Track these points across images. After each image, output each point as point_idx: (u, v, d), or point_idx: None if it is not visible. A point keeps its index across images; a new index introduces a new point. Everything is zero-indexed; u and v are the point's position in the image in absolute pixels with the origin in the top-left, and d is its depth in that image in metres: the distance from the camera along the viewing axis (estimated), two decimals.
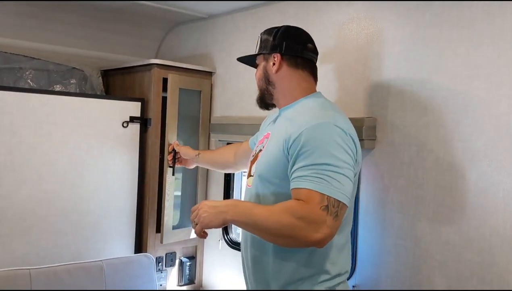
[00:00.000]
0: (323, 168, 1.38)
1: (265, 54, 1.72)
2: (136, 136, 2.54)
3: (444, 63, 1.70)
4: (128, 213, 2.53)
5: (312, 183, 1.37)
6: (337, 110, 1.59)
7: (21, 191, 2.20)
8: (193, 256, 2.76)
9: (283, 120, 1.65)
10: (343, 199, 1.38)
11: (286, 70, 1.67)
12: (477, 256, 1.60)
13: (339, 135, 1.44)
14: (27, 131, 2.22)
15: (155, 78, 2.52)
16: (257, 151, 1.72)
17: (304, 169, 1.41)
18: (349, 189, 1.42)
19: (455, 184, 1.66)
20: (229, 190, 2.66)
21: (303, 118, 1.51)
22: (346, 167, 1.41)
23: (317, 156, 1.40)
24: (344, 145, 1.43)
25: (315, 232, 1.34)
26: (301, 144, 1.43)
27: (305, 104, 1.63)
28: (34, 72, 2.63)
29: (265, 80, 1.72)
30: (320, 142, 1.42)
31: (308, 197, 1.36)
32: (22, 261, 2.16)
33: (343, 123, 1.49)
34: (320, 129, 1.44)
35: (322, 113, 1.53)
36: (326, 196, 1.36)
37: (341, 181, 1.38)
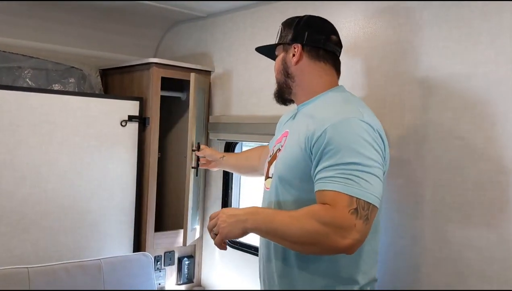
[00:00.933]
0: (351, 168, 1.28)
1: (285, 44, 1.62)
2: (134, 135, 2.54)
3: (442, 61, 1.70)
4: (126, 211, 2.53)
5: (339, 184, 1.27)
6: (363, 105, 1.49)
7: (20, 189, 2.20)
8: (192, 255, 2.76)
9: (303, 116, 1.53)
10: (373, 200, 1.28)
11: (307, 63, 1.57)
12: (477, 254, 1.60)
13: (366, 131, 1.34)
14: (26, 130, 2.21)
15: (154, 77, 2.52)
16: (275, 150, 1.62)
17: (330, 169, 1.31)
18: (379, 189, 1.32)
19: (453, 182, 1.66)
20: (227, 189, 2.66)
21: (326, 114, 1.40)
22: (375, 165, 1.32)
23: (343, 155, 1.30)
24: (372, 142, 1.34)
25: (343, 238, 1.23)
26: (326, 142, 1.33)
27: (326, 99, 1.53)
28: (32, 72, 2.63)
29: (284, 72, 1.61)
30: (346, 139, 1.31)
31: (335, 200, 1.26)
32: (21, 260, 2.16)
33: (370, 119, 1.39)
34: (345, 125, 1.34)
35: (347, 108, 1.42)
36: (355, 198, 1.25)
37: (371, 181, 1.29)
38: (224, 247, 1.43)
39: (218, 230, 1.40)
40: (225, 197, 2.66)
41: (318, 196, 1.32)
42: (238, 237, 1.39)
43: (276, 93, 1.68)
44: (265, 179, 1.66)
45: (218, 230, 1.40)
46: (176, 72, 2.60)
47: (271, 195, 1.54)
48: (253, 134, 2.40)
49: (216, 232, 1.41)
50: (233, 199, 2.68)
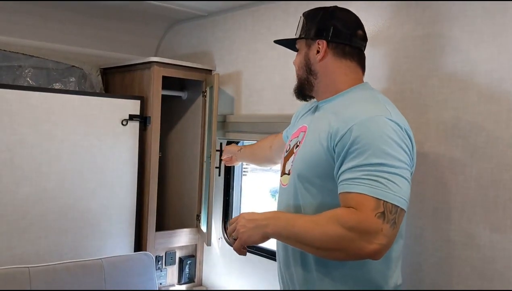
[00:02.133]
0: (377, 169, 1.22)
1: (308, 39, 1.52)
2: (135, 135, 2.53)
3: (444, 60, 1.69)
4: (127, 211, 2.52)
5: (365, 186, 1.21)
6: (389, 103, 1.42)
7: (20, 188, 2.19)
8: (193, 255, 2.75)
9: (325, 113, 1.46)
10: (401, 203, 1.22)
11: (332, 60, 1.48)
12: (478, 253, 1.59)
13: (394, 130, 1.27)
14: (26, 129, 2.21)
15: (155, 76, 2.51)
16: (292, 145, 1.55)
17: (355, 170, 1.24)
18: (407, 191, 1.26)
19: (455, 181, 1.65)
20: (228, 188, 2.66)
21: (352, 112, 1.34)
22: (403, 166, 1.26)
23: (369, 155, 1.23)
24: (400, 142, 1.27)
25: (370, 243, 1.18)
26: (351, 141, 1.26)
27: (351, 96, 1.45)
28: (33, 70, 2.62)
29: (306, 69, 1.53)
30: (372, 139, 1.25)
31: (361, 203, 1.21)
32: (21, 259, 2.15)
33: (397, 117, 1.33)
34: (372, 124, 1.27)
35: (373, 106, 1.35)
36: (382, 201, 1.19)
37: (399, 183, 1.22)
38: (244, 253, 1.41)
39: (238, 235, 1.37)
40: (226, 196, 2.65)
41: (342, 198, 1.27)
42: (258, 242, 1.37)
43: (297, 89, 1.60)
44: (281, 175, 1.59)
45: (238, 235, 1.37)
46: (177, 71, 2.59)
47: (289, 193, 1.48)
48: (254, 133, 2.40)
49: (236, 237, 1.38)
50: (235, 199, 2.67)
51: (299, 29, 1.56)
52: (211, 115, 2.54)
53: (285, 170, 1.55)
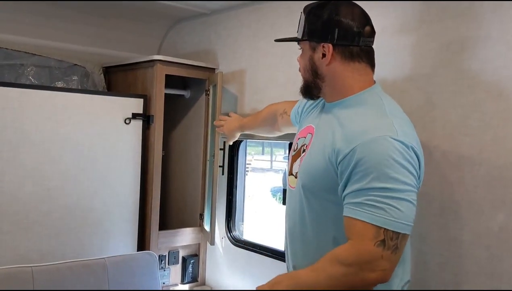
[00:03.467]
0: (380, 194, 1.21)
1: (312, 41, 1.44)
2: (138, 133, 2.51)
3: (451, 57, 1.67)
4: (130, 210, 2.50)
5: (366, 214, 1.22)
6: (396, 113, 1.37)
7: (23, 187, 2.18)
8: (196, 254, 2.74)
9: (332, 119, 1.42)
10: (402, 229, 1.22)
11: (340, 63, 1.41)
12: (486, 252, 1.57)
13: (399, 151, 1.24)
14: (29, 128, 2.19)
15: (158, 75, 2.49)
16: (299, 145, 1.53)
17: (358, 194, 1.24)
18: (411, 214, 1.25)
19: (462, 179, 1.63)
20: (232, 187, 2.64)
21: (356, 129, 1.30)
22: (408, 189, 1.24)
23: (373, 179, 1.22)
24: (405, 163, 1.24)
25: (372, 271, 1.21)
26: (354, 163, 1.25)
27: (359, 104, 1.39)
28: (35, 69, 2.61)
29: (312, 72, 1.46)
30: (376, 161, 1.23)
31: (361, 232, 1.22)
32: (24, 258, 2.13)
33: (403, 134, 1.27)
34: (377, 145, 1.25)
35: (378, 123, 1.31)
36: (383, 229, 1.20)
37: (402, 208, 1.22)
38: None
39: None
40: (229, 195, 2.63)
41: (345, 221, 1.28)
42: None
43: (303, 90, 1.53)
44: (288, 174, 1.57)
45: None
46: (180, 70, 2.58)
47: (296, 201, 1.48)
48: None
49: None
50: (238, 198, 2.66)
51: (301, 28, 1.47)
52: (214, 114, 2.52)
53: (292, 171, 1.54)
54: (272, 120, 2.04)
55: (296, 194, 1.48)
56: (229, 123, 2.32)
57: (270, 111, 2.07)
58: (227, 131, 2.33)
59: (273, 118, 2.03)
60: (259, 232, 8.02)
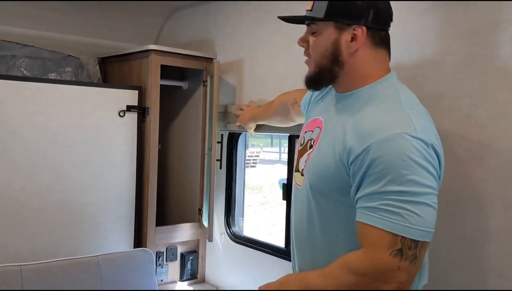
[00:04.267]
0: (397, 198, 1.10)
1: (341, 22, 1.26)
2: (133, 126, 2.42)
3: (459, 43, 1.56)
4: (126, 205, 2.42)
5: (381, 220, 1.11)
6: (413, 107, 1.23)
7: (13, 183, 2.10)
8: (195, 250, 2.65)
9: (343, 112, 1.30)
10: (422, 237, 1.11)
11: (366, 50, 1.26)
12: (496, 250, 1.47)
13: (418, 150, 1.12)
14: (19, 121, 2.11)
15: (153, 65, 2.40)
16: (306, 140, 1.40)
17: (372, 197, 1.13)
18: (432, 220, 1.13)
19: (471, 173, 1.53)
20: (231, 181, 2.55)
21: (370, 124, 1.18)
22: (428, 191, 1.12)
23: (388, 181, 1.11)
24: (425, 163, 1.12)
25: (387, 282, 1.11)
26: (368, 163, 1.14)
27: (372, 95, 1.26)
28: (27, 60, 2.52)
29: (332, 58, 1.27)
30: (392, 162, 1.11)
31: (376, 239, 1.12)
32: (16, 256, 2.06)
33: (422, 131, 1.15)
34: (392, 144, 1.12)
35: (394, 117, 1.18)
36: (400, 236, 1.09)
37: (421, 213, 1.10)
38: None
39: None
40: (228, 190, 2.55)
41: (358, 227, 1.17)
42: None
43: (313, 79, 1.33)
44: (294, 171, 1.45)
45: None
46: (176, 60, 2.48)
47: (303, 200, 1.36)
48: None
49: None
50: (237, 193, 2.57)
51: (320, 6, 1.26)
52: (212, 106, 2.43)
53: (299, 167, 1.41)
54: (284, 110, 1.94)
55: (303, 193, 1.37)
56: (243, 113, 2.25)
57: (282, 101, 1.96)
58: (241, 121, 2.27)
59: (285, 108, 1.92)
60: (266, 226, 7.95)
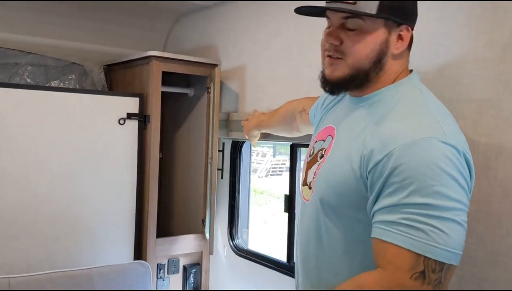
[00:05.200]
0: (421, 212, 0.97)
1: (393, 20, 1.15)
2: (134, 134, 2.36)
3: (462, 43, 1.44)
4: (126, 216, 2.35)
5: (402, 237, 0.97)
6: (440, 109, 1.11)
7: (6, 193, 2.05)
8: (198, 263, 2.57)
9: (360, 117, 1.18)
10: (448, 258, 0.97)
11: (404, 52, 1.19)
12: (504, 272, 1.34)
13: (448, 158, 0.99)
14: (15, 130, 2.08)
15: (154, 72, 2.33)
16: (316, 150, 1.28)
17: (392, 210, 1.00)
18: (460, 239, 1.00)
19: (477, 186, 1.39)
20: (234, 191, 2.46)
21: (392, 130, 1.05)
22: (457, 207, 0.99)
23: (412, 192, 0.97)
24: (456, 173, 0.99)
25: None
26: (389, 171, 1.00)
27: (393, 98, 1.14)
28: (30, 68, 2.51)
29: (375, 60, 1.15)
30: (417, 170, 0.98)
31: (395, 259, 0.98)
32: (10, 269, 2.01)
33: (453, 136, 1.02)
34: (419, 149, 0.99)
35: (420, 120, 1.05)
36: (423, 257, 0.96)
37: (448, 231, 0.97)
38: None
39: None
40: (231, 200, 2.46)
41: (374, 244, 1.03)
42: None
43: (341, 80, 1.17)
44: (302, 185, 1.33)
45: None
46: (178, 66, 2.41)
47: (311, 217, 1.22)
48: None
49: None
50: (241, 203, 2.48)
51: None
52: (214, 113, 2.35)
53: (307, 180, 1.29)
54: (290, 119, 1.82)
55: (311, 209, 1.22)
56: (248, 122, 2.13)
57: (288, 108, 1.84)
58: (245, 131, 2.15)
59: (291, 116, 1.80)
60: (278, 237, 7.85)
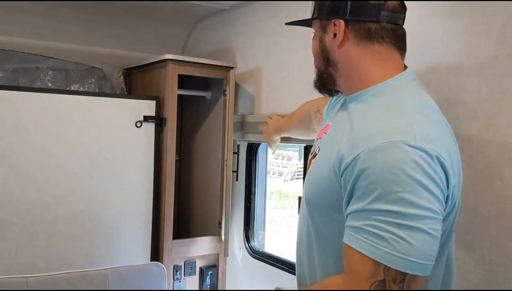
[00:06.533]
0: (384, 218, 0.93)
1: (321, 20, 1.18)
2: (151, 137, 2.39)
3: (475, 42, 1.40)
4: (143, 218, 2.37)
5: (364, 243, 0.95)
6: (422, 110, 1.05)
7: (27, 194, 2.10)
8: (215, 265, 2.57)
9: (344, 117, 1.16)
10: (411, 269, 0.93)
11: (353, 45, 1.14)
12: None
13: (415, 162, 0.94)
14: (34, 133, 2.12)
15: (170, 75, 2.35)
16: (315, 149, 1.27)
17: (358, 215, 0.97)
18: (427, 249, 0.94)
19: (491, 188, 1.36)
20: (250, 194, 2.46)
21: (363, 131, 1.03)
22: (424, 215, 0.93)
23: (376, 198, 0.94)
24: (424, 179, 0.94)
25: None
26: (356, 175, 0.98)
27: (373, 97, 1.11)
28: (51, 72, 2.56)
29: (323, 58, 1.19)
30: (381, 175, 0.95)
31: (357, 265, 0.96)
32: (29, 268, 2.05)
33: (425, 139, 0.97)
34: (383, 154, 0.95)
35: (390, 123, 1.01)
36: (383, 265, 0.93)
37: (412, 240, 0.92)
38: None
39: None
40: (247, 203, 2.45)
41: (344, 249, 1.01)
42: None
43: (317, 83, 1.26)
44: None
45: None
46: (195, 69, 2.42)
47: (303, 217, 1.24)
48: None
49: None
50: (258, 206, 2.47)
51: (313, 9, 1.22)
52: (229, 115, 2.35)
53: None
54: (307, 120, 1.81)
55: (304, 208, 1.24)
56: (267, 127, 2.13)
57: (305, 110, 1.84)
58: (265, 136, 2.14)
59: (308, 118, 1.80)
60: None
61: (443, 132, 1.07)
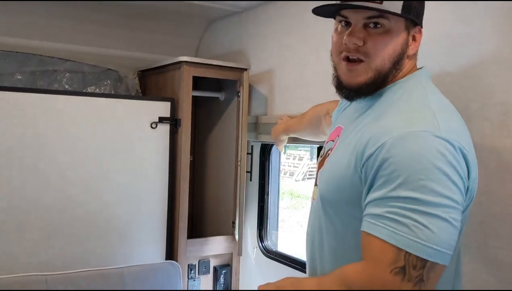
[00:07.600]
0: (407, 206, 0.94)
1: (411, 20, 1.14)
2: (165, 138, 2.42)
3: (488, 41, 1.42)
4: (158, 217, 2.41)
5: (385, 230, 0.95)
6: (444, 106, 1.09)
7: (45, 194, 2.15)
8: (229, 264, 2.60)
9: (363, 114, 1.17)
10: (431, 256, 0.93)
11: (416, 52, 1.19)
12: None
13: (439, 152, 0.96)
14: (51, 134, 2.16)
15: (184, 77, 2.39)
16: (326, 150, 1.30)
17: (379, 203, 0.98)
18: (447, 238, 0.95)
19: (504, 188, 1.37)
20: (263, 194, 2.48)
21: (388, 121, 1.04)
22: (446, 203, 0.95)
23: (399, 185, 0.95)
24: (448, 168, 0.96)
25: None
26: (379, 163, 0.99)
27: (394, 93, 1.13)
28: (68, 75, 2.61)
29: (396, 61, 1.14)
30: (405, 163, 0.96)
31: (377, 252, 0.97)
32: (47, 266, 2.10)
33: (448, 130, 0.99)
34: (407, 143, 0.97)
35: (416, 114, 1.03)
36: (404, 252, 0.93)
37: (433, 227, 0.93)
38: None
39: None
40: (260, 203, 2.48)
41: (362, 237, 1.02)
42: None
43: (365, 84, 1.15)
44: (314, 185, 1.34)
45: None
46: (208, 71, 2.46)
47: (315, 216, 1.24)
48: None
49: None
50: (271, 206, 2.49)
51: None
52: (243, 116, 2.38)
53: (317, 181, 1.29)
54: (316, 122, 1.85)
55: (316, 208, 1.24)
56: (276, 127, 2.17)
57: (315, 112, 1.87)
58: (273, 136, 2.18)
59: (318, 120, 1.83)
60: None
61: (463, 126, 1.11)
